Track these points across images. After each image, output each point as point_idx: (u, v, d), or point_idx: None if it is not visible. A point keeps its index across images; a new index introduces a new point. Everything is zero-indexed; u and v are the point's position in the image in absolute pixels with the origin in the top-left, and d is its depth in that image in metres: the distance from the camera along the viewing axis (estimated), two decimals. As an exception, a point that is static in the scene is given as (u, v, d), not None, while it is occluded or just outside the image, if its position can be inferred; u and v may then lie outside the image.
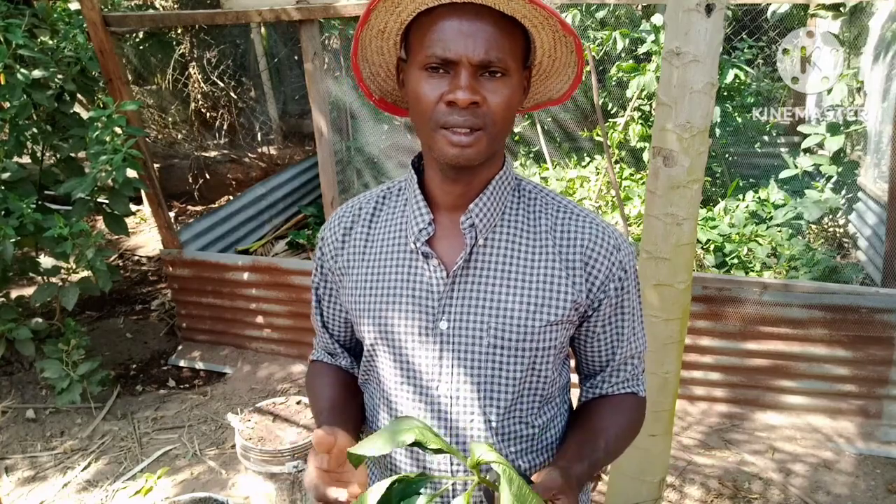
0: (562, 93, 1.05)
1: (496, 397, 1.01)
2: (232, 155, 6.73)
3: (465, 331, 0.99)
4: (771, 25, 4.86)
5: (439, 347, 1.00)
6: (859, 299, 2.86)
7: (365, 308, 1.04)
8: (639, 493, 2.02)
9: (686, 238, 1.74)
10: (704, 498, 2.69)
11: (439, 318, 0.99)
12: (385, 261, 1.04)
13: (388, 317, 1.02)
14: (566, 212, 1.02)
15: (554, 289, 0.99)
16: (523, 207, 1.02)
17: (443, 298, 0.99)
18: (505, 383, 1.00)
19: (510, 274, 0.99)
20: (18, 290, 4.21)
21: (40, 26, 3.53)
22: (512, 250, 1.00)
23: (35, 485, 2.92)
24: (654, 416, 1.92)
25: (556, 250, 1.00)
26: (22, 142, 3.35)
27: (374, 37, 0.97)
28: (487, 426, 1.01)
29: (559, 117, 5.98)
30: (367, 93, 1.05)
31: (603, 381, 1.11)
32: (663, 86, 1.65)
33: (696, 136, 1.64)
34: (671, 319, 1.82)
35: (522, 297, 0.98)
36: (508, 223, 1.01)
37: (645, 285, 1.82)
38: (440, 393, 1.01)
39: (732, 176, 5.08)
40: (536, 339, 0.99)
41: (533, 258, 0.99)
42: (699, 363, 3.13)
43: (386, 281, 1.03)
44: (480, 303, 0.98)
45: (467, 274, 0.99)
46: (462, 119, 0.89)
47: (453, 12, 0.87)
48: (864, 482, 2.75)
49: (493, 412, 1.01)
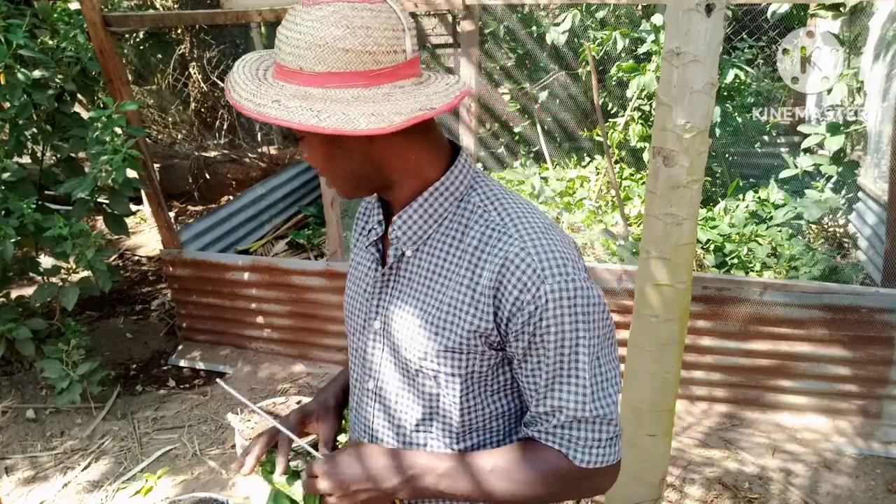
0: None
1: (407, 410, 1.01)
2: (232, 155, 6.73)
3: (390, 335, 1.01)
4: (771, 25, 4.85)
5: (373, 344, 1.04)
6: (859, 299, 2.86)
7: (346, 290, 1.14)
8: (639, 493, 2.02)
9: (686, 238, 1.74)
10: (705, 498, 2.69)
11: (374, 317, 1.04)
12: (362, 251, 1.11)
13: (351, 304, 1.10)
14: (499, 230, 0.92)
15: (456, 313, 0.93)
16: (459, 221, 0.96)
17: (376, 298, 1.03)
18: (416, 395, 0.99)
19: (427, 290, 0.96)
20: (18, 290, 4.21)
21: (40, 26, 3.53)
22: (435, 265, 0.96)
23: (35, 485, 2.92)
24: (654, 416, 1.92)
25: (470, 272, 0.92)
26: (22, 142, 3.35)
27: None
28: (401, 431, 1.02)
29: (560, 117, 5.98)
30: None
31: (528, 423, 0.97)
32: (663, 86, 1.66)
33: (696, 136, 1.64)
34: (671, 319, 1.82)
35: (428, 318, 0.95)
36: (442, 236, 0.97)
37: (645, 285, 1.82)
38: (369, 388, 1.06)
39: (732, 176, 5.07)
40: (436, 363, 0.95)
41: (449, 277, 0.94)
42: (699, 363, 3.13)
43: (358, 271, 1.10)
44: (402, 312, 0.99)
45: (398, 280, 1.01)
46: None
47: None
48: (864, 482, 2.75)
49: (408, 419, 1.01)
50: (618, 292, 3.03)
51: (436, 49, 7.30)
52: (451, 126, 5.68)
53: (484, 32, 5.94)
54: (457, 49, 7.03)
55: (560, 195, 5.22)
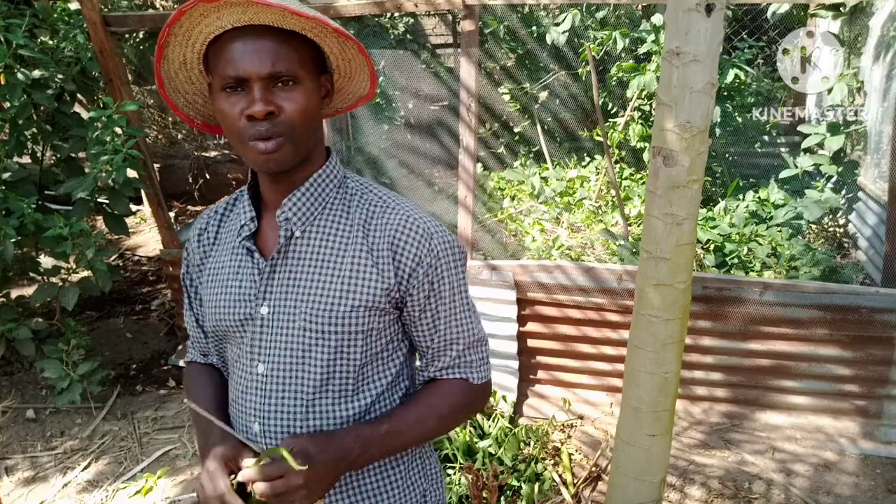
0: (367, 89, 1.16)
1: (306, 377, 1.09)
2: (232, 155, 6.73)
3: (282, 314, 1.08)
4: (771, 25, 4.85)
5: (260, 330, 1.10)
6: (859, 299, 2.86)
7: (209, 300, 1.16)
8: (639, 493, 2.02)
9: (686, 238, 1.74)
10: (705, 498, 2.69)
11: (261, 304, 1.09)
12: (223, 258, 1.16)
13: (222, 307, 1.13)
14: (381, 206, 1.10)
15: (359, 276, 1.07)
16: (341, 202, 1.11)
17: (263, 286, 1.09)
18: (313, 363, 1.08)
19: (322, 262, 1.08)
20: (18, 290, 4.21)
21: (40, 26, 3.53)
22: (325, 241, 1.09)
23: (35, 485, 2.92)
24: (655, 416, 1.92)
25: (364, 241, 1.08)
26: (22, 142, 3.35)
27: (179, 69, 1.07)
28: (299, 402, 1.09)
29: (560, 117, 5.98)
30: (187, 120, 1.15)
31: (428, 365, 1.17)
32: (663, 86, 1.66)
33: (696, 135, 1.64)
34: (671, 319, 1.82)
35: (330, 284, 1.07)
36: (327, 216, 1.10)
37: (645, 285, 1.82)
38: (259, 372, 1.11)
39: (732, 176, 5.08)
40: (343, 322, 1.06)
41: (344, 248, 1.08)
42: (699, 363, 3.13)
43: (223, 275, 1.14)
44: (294, 289, 1.08)
45: (285, 263, 1.09)
46: (264, 129, 0.99)
47: (239, 36, 0.98)
48: (865, 482, 2.75)
49: (304, 390, 1.09)
50: (618, 292, 3.03)
51: (436, 49, 7.30)
52: (451, 126, 5.69)
53: (484, 32, 5.94)
54: (457, 49, 7.03)
55: (560, 195, 5.23)
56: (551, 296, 3.11)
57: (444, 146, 6.00)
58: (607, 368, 3.23)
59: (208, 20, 0.98)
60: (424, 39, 7.35)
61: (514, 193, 5.46)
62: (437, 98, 6.41)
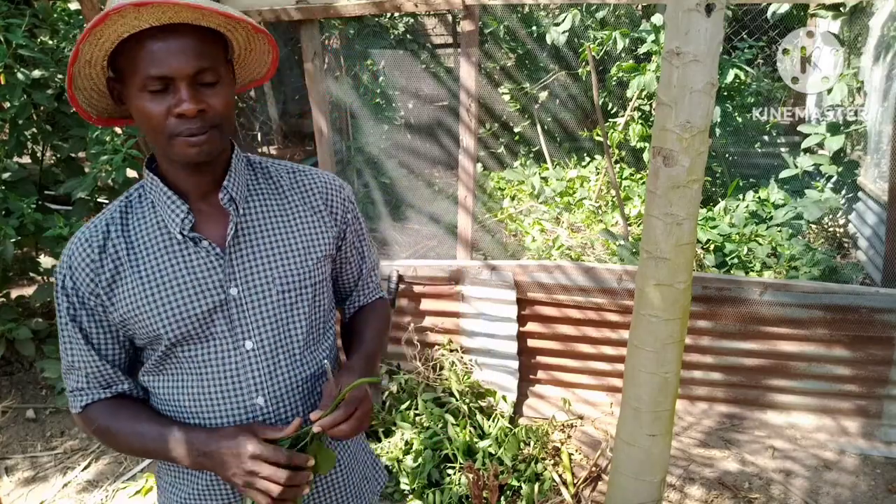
0: (263, 73, 1.23)
1: (294, 335, 1.17)
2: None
3: (254, 289, 1.13)
4: (771, 25, 4.85)
5: (237, 310, 1.12)
6: (859, 299, 2.85)
7: (152, 307, 1.09)
8: (639, 493, 2.02)
9: (686, 238, 1.74)
10: (705, 498, 2.69)
11: (228, 287, 1.11)
12: (155, 260, 1.10)
13: (179, 305, 1.09)
14: (296, 171, 1.23)
15: (313, 231, 1.20)
16: (262, 177, 1.20)
17: (225, 269, 1.11)
18: (298, 321, 1.17)
19: (275, 231, 1.16)
20: (18, 290, 4.21)
21: (40, 26, 3.53)
22: (268, 212, 1.17)
23: (35, 485, 2.92)
24: (654, 416, 1.92)
25: (302, 201, 1.20)
26: (22, 142, 3.35)
27: (83, 67, 1.05)
28: (293, 361, 1.17)
29: (560, 117, 5.98)
30: (86, 117, 1.15)
31: (359, 295, 1.37)
32: (663, 86, 1.66)
33: (696, 136, 1.64)
34: (671, 319, 1.82)
35: (293, 245, 1.17)
36: (256, 193, 1.18)
37: (645, 285, 1.82)
38: (248, 348, 1.13)
39: (732, 176, 5.08)
40: (314, 273, 1.18)
41: (288, 214, 1.18)
42: (699, 363, 3.13)
43: (164, 276, 1.09)
44: (261, 260, 1.14)
45: (239, 243, 1.13)
46: (196, 127, 1.02)
47: (159, 35, 0.98)
48: (865, 482, 2.75)
49: (295, 348, 1.17)
50: (618, 292, 3.03)
51: (436, 49, 7.30)
52: (451, 126, 5.69)
53: (484, 32, 5.94)
54: (457, 49, 7.02)
55: (560, 195, 5.23)
56: (551, 296, 3.11)
57: (443, 146, 6.00)
58: (607, 368, 3.23)
59: (125, 20, 0.96)
60: (424, 40, 7.35)
61: (514, 193, 5.47)
62: (436, 98, 6.41)
